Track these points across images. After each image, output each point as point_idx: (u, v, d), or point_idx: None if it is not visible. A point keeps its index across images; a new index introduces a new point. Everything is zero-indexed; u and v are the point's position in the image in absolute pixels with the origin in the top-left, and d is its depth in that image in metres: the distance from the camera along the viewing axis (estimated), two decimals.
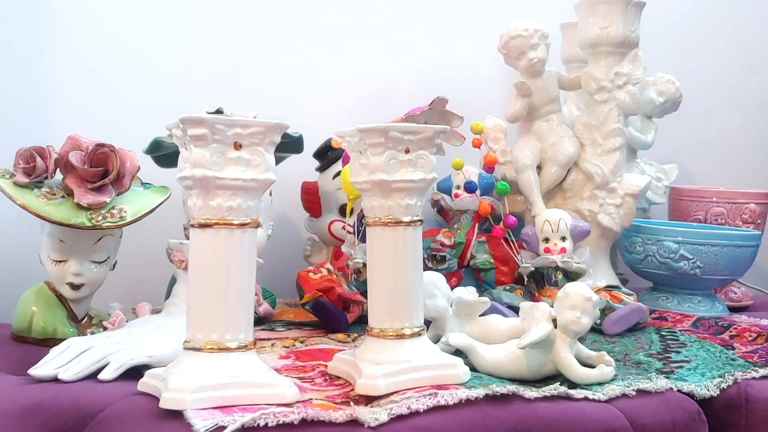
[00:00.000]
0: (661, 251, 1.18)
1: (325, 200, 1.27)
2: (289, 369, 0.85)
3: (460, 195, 1.20)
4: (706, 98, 1.66)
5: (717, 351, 0.95)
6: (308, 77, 1.37)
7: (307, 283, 1.09)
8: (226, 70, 1.31)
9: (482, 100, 1.38)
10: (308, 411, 0.65)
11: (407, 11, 1.43)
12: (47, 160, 0.91)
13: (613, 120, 1.20)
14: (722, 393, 0.83)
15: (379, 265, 0.80)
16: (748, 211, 1.35)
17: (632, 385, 0.79)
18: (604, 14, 1.17)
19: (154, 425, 0.65)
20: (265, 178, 0.72)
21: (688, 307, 1.19)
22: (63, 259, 0.93)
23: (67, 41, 1.21)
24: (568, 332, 0.81)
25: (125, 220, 0.91)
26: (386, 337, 0.78)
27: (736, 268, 1.19)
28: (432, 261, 1.15)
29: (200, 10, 1.30)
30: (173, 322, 0.86)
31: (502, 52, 1.22)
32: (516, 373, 0.81)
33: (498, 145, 1.27)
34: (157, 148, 1.03)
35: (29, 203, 0.88)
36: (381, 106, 1.33)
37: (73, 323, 0.95)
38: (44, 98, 1.20)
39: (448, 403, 0.71)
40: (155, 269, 1.14)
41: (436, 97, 1.11)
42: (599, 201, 1.21)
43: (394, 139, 0.77)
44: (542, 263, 1.11)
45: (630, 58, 1.19)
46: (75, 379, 0.75)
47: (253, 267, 0.73)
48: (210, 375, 0.68)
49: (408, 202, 0.79)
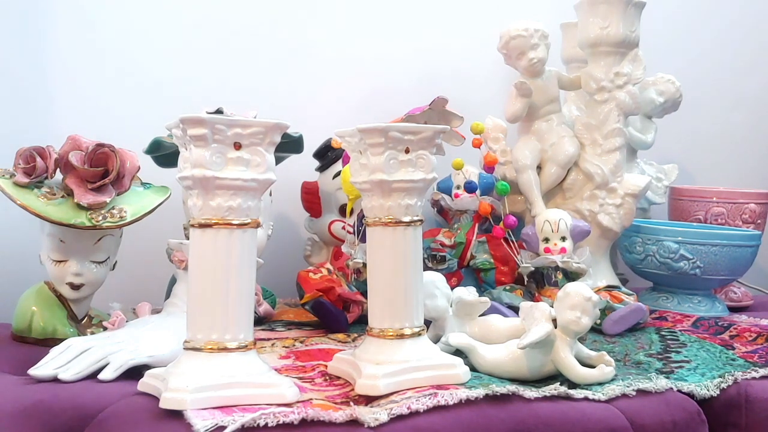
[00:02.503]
0: (661, 251, 1.18)
1: (325, 200, 1.27)
2: (289, 369, 0.85)
3: (460, 195, 1.20)
4: (707, 98, 1.66)
5: (717, 351, 0.95)
6: (308, 77, 1.37)
7: (307, 283, 1.09)
8: (226, 69, 1.31)
9: (482, 100, 1.38)
10: (308, 411, 0.65)
11: (407, 11, 1.43)
12: (47, 160, 0.91)
13: (613, 120, 1.20)
14: (722, 393, 0.83)
15: (379, 265, 0.80)
16: (748, 211, 1.35)
17: (632, 385, 0.79)
18: (604, 14, 1.17)
19: (154, 425, 0.65)
20: (265, 178, 0.72)
21: (688, 307, 1.19)
22: (63, 259, 0.93)
23: (67, 41, 1.21)
24: (568, 332, 0.81)
25: (125, 220, 0.91)
26: (386, 337, 0.78)
27: (736, 268, 1.19)
28: (432, 261, 1.15)
29: (200, 10, 1.30)
30: (173, 322, 0.86)
31: (502, 52, 1.22)
32: (516, 373, 0.81)
33: (498, 145, 1.27)
34: (157, 148, 1.03)
35: (29, 203, 0.88)
36: (381, 106, 1.33)
37: (73, 323, 0.95)
38: (44, 98, 1.20)
39: (448, 403, 0.71)
40: (155, 269, 1.14)
41: (436, 97, 1.11)
42: (599, 201, 1.21)
43: (394, 139, 0.77)
44: (542, 263, 1.11)
45: (630, 58, 1.19)
46: (75, 379, 0.75)
47: (253, 267, 0.73)
48: (210, 375, 0.68)
49: (408, 202, 0.79)
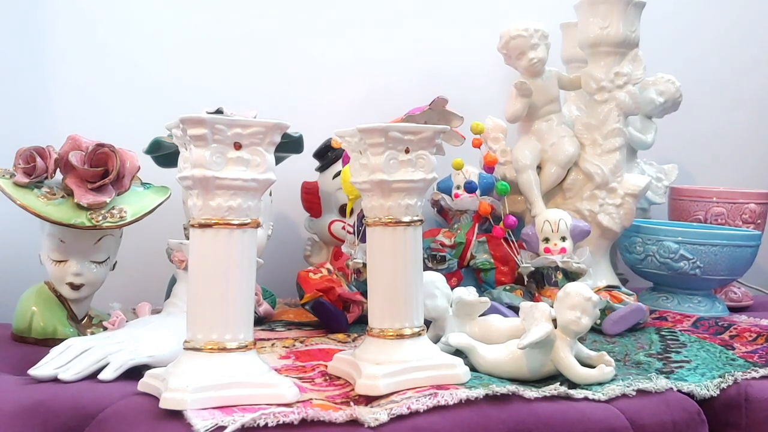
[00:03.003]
0: (661, 251, 1.18)
1: (325, 200, 1.27)
2: (289, 369, 0.85)
3: (460, 195, 1.20)
4: (707, 98, 1.66)
5: (717, 351, 0.95)
6: (308, 77, 1.37)
7: (307, 283, 1.09)
8: (226, 69, 1.31)
9: (482, 100, 1.38)
10: (308, 411, 0.65)
11: (407, 11, 1.43)
12: (47, 160, 0.91)
13: (613, 120, 1.20)
14: (722, 393, 0.83)
15: (379, 265, 0.80)
16: (748, 211, 1.35)
17: (632, 385, 0.79)
18: (604, 14, 1.17)
19: (154, 425, 0.65)
20: (265, 178, 0.72)
21: (688, 307, 1.19)
22: (63, 259, 0.93)
23: (66, 41, 1.21)
24: (568, 332, 0.81)
25: (125, 220, 0.91)
26: (386, 337, 0.78)
27: (736, 268, 1.19)
28: (432, 261, 1.15)
29: (200, 10, 1.30)
30: (173, 322, 0.86)
31: (502, 52, 1.22)
32: (516, 373, 0.81)
33: (498, 145, 1.27)
34: (157, 148, 1.03)
35: (29, 203, 0.88)
36: (381, 106, 1.33)
37: (73, 323, 0.95)
38: (44, 98, 1.20)
39: (448, 403, 0.71)
40: (155, 269, 1.14)
41: (436, 97, 1.11)
42: (599, 201, 1.21)
43: (394, 139, 0.77)
44: (542, 263, 1.10)
45: (630, 58, 1.19)
46: (75, 379, 0.75)
47: (253, 267, 0.73)
48: (210, 375, 0.68)
49: (408, 202, 0.79)
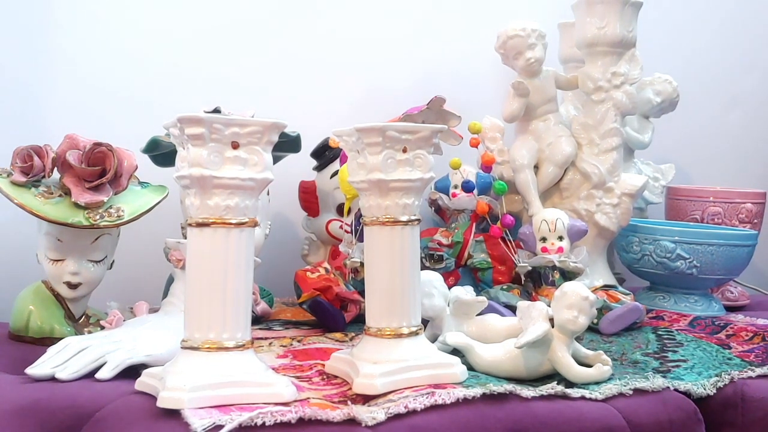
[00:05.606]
0: (658, 251, 1.18)
1: (322, 199, 1.27)
2: (287, 368, 0.85)
3: (458, 194, 1.21)
4: (704, 98, 1.66)
5: (713, 350, 0.96)
6: (306, 77, 1.37)
7: (304, 282, 1.09)
8: (224, 69, 1.31)
9: (480, 99, 1.38)
10: (305, 410, 0.65)
11: (405, 11, 1.43)
12: (44, 159, 0.90)
13: (610, 120, 1.20)
14: (719, 392, 0.84)
15: (376, 264, 0.80)
16: (745, 210, 1.35)
17: (629, 384, 0.79)
18: (601, 14, 1.17)
19: (152, 424, 0.65)
20: (262, 177, 0.72)
21: (684, 306, 1.20)
22: (60, 258, 0.93)
23: (64, 40, 1.21)
24: (565, 331, 0.82)
25: (123, 219, 0.91)
26: (384, 336, 0.78)
27: (733, 268, 1.19)
28: (429, 260, 1.15)
29: (198, 9, 1.30)
30: (171, 322, 0.86)
31: (500, 51, 1.22)
32: (513, 373, 0.81)
33: (495, 144, 1.27)
34: (155, 147, 1.03)
35: (26, 202, 0.88)
36: (378, 106, 1.33)
37: (71, 322, 0.95)
38: (41, 97, 1.20)
39: (445, 403, 0.71)
40: (153, 268, 1.13)
41: (433, 97, 1.11)
42: (596, 200, 1.21)
43: (391, 139, 0.77)
44: (539, 263, 1.11)
45: (627, 58, 1.19)
46: (72, 379, 0.75)
47: (250, 266, 0.73)
48: (207, 374, 0.68)
49: (405, 201, 0.79)
